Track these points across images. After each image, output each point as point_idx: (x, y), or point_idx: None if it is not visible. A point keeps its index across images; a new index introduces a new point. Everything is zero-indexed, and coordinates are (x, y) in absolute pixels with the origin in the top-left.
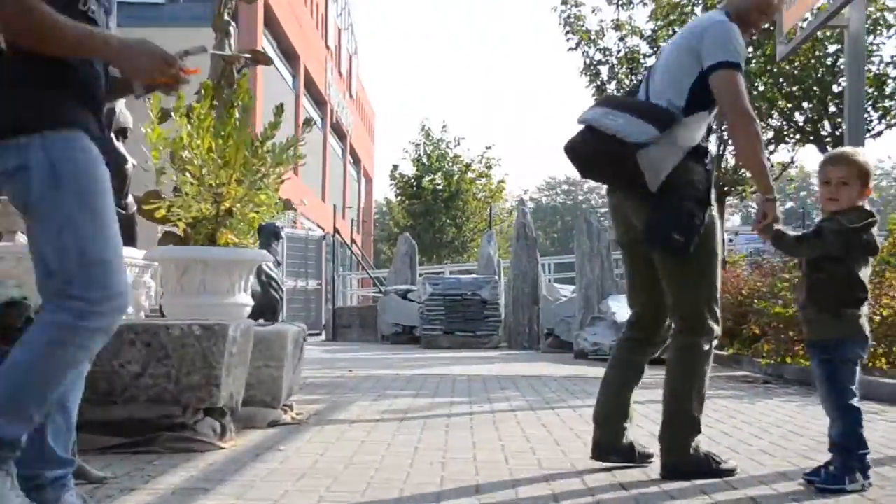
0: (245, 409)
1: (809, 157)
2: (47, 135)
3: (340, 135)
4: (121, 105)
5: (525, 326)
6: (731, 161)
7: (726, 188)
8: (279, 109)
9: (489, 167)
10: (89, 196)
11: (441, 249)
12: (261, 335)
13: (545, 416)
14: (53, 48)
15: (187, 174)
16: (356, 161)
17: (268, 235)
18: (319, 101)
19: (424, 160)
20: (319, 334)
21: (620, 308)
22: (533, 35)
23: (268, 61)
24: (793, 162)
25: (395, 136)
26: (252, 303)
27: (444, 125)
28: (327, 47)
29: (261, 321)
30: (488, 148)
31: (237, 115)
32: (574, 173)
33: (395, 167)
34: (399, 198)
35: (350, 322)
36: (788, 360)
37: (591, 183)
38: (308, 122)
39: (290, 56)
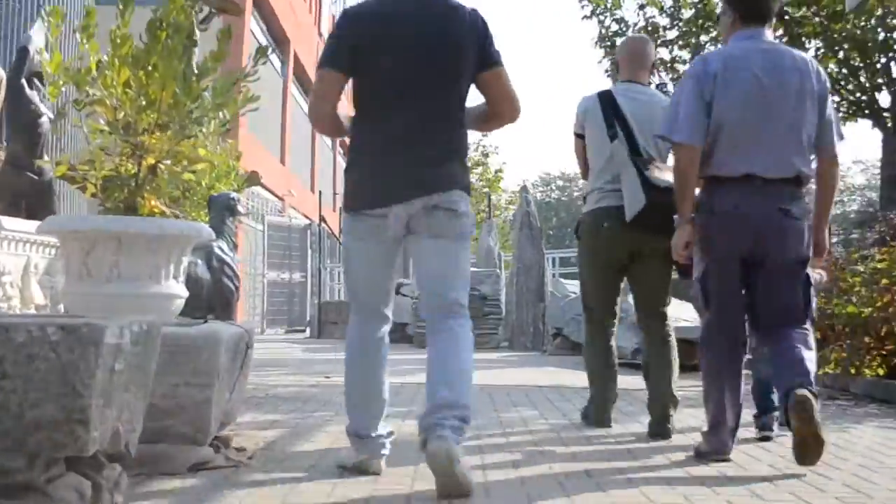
0: (154, 447)
1: (863, 133)
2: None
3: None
4: (36, 43)
5: (529, 325)
6: None
7: None
8: (225, 33)
9: (486, 155)
10: None
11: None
12: (178, 341)
13: (579, 450)
14: None
15: (99, 119)
16: (346, 152)
17: (220, 209)
18: (309, 90)
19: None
20: (304, 331)
21: None
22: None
23: (237, 11)
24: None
25: None
26: (185, 294)
27: None
28: (320, 34)
29: (200, 318)
30: (484, 135)
31: (167, 38)
32: (569, 169)
33: None
34: None
35: (337, 318)
36: (857, 371)
37: None
38: (262, 50)
39: (280, 41)
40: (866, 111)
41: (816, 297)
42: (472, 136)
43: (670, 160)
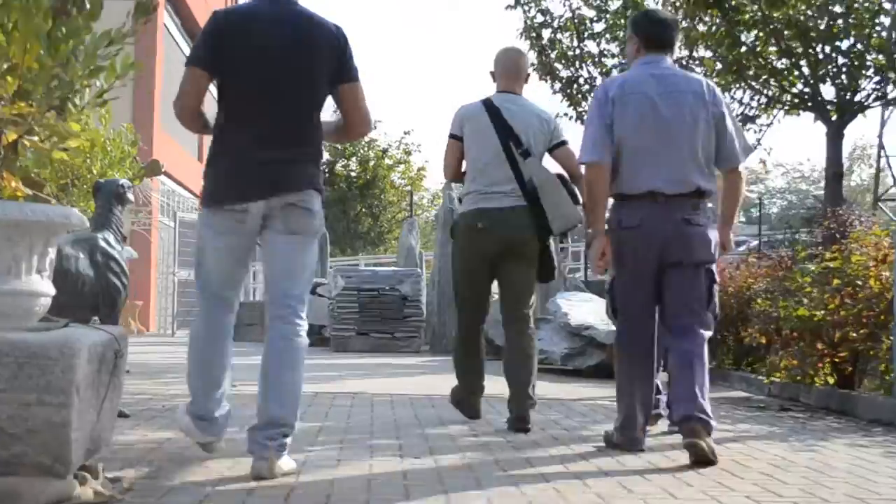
0: (2, 482)
1: (803, 127)
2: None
3: None
4: None
5: (452, 328)
6: None
7: None
8: (142, 6)
9: (408, 153)
10: None
11: (355, 241)
12: (27, 350)
13: (527, 485)
14: None
15: None
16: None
17: (107, 197)
18: None
19: (337, 145)
20: None
21: (573, 308)
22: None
23: None
24: (758, 143)
25: None
26: (52, 291)
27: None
28: None
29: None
30: (407, 133)
31: None
32: None
33: None
34: None
35: (252, 319)
36: (809, 379)
37: None
38: (143, 7)
39: (195, 33)
40: (809, 104)
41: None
42: (395, 133)
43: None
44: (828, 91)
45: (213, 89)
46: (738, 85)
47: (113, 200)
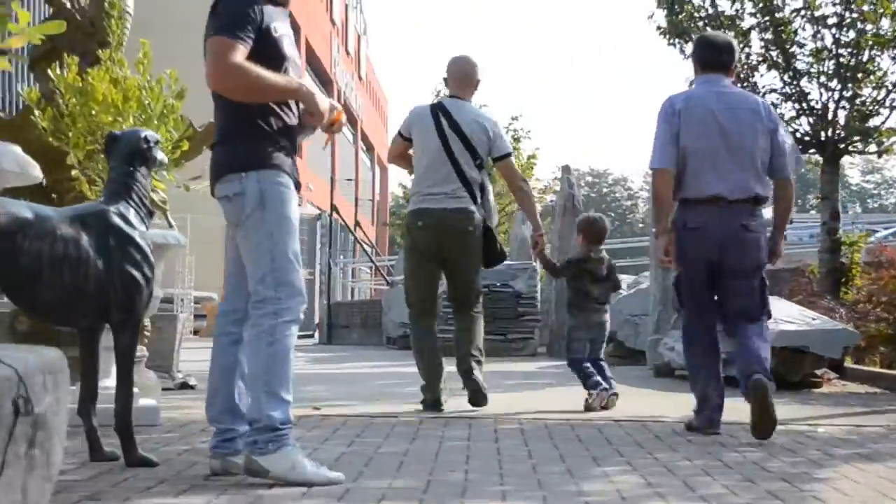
0: None
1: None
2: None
3: (350, 119)
4: None
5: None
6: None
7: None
8: None
9: (517, 139)
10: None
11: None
12: None
13: None
14: (263, 96)
15: None
16: (369, 148)
17: (125, 153)
18: (325, 80)
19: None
20: (312, 335)
21: None
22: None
23: None
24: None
25: None
26: None
27: None
28: (332, 22)
29: None
30: (515, 119)
31: None
32: (598, 164)
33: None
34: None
35: (349, 321)
36: None
37: (616, 174)
38: None
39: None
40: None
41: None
42: (503, 118)
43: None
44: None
45: None
46: None
47: (133, 159)
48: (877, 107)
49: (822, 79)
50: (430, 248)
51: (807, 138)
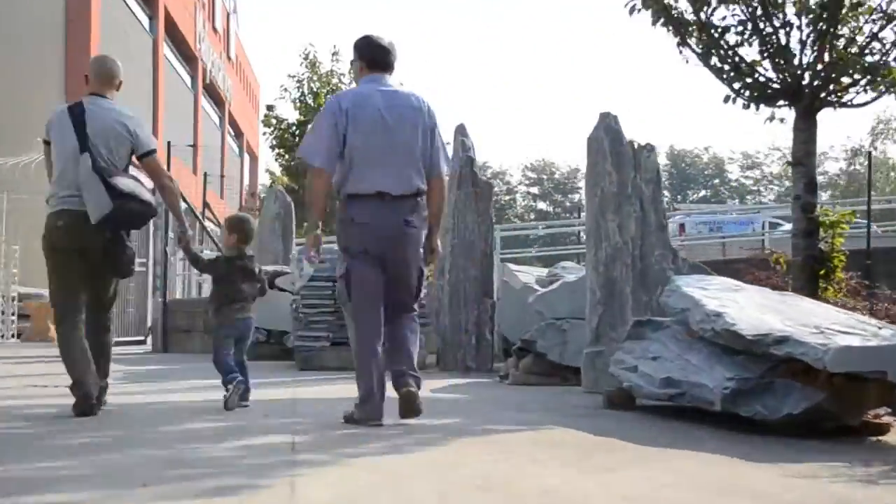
0: None
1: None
2: None
3: (217, 100)
4: None
5: (471, 334)
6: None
7: (823, 94)
8: None
9: None
10: None
11: (332, 217)
12: None
13: None
14: None
15: None
16: (238, 134)
17: None
18: (188, 56)
19: (310, 100)
20: (143, 342)
21: (728, 303)
22: None
23: None
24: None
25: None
26: None
27: (336, 51)
28: None
29: None
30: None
31: None
32: (478, 157)
33: (270, 109)
34: (277, 152)
35: (190, 324)
36: None
37: (495, 167)
38: None
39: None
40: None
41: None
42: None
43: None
44: None
45: None
46: None
47: None
48: (869, 41)
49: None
50: (69, 249)
51: (774, 86)
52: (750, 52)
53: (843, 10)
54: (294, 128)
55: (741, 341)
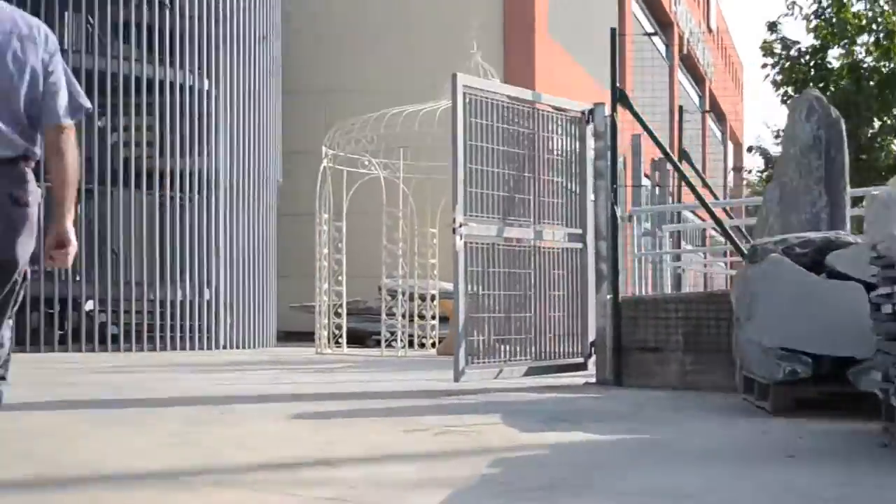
0: None
1: None
2: None
3: (696, 76)
4: None
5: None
6: None
7: None
8: None
9: None
10: None
11: (868, 174)
12: None
13: None
14: None
15: None
16: (720, 118)
17: None
18: (663, 21)
19: (831, 14)
20: (582, 366)
21: None
22: None
23: None
24: None
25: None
26: None
27: None
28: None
29: None
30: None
31: None
32: None
33: (773, 26)
34: (782, 91)
35: (659, 338)
36: None
37: None
38: None
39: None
40: None
41: None
42: None
43: None
44: None
45: None
46: None
47: None
48: None
49: None
50: None
51: None
52: None
53: None
54: (808, 56)
55: None
